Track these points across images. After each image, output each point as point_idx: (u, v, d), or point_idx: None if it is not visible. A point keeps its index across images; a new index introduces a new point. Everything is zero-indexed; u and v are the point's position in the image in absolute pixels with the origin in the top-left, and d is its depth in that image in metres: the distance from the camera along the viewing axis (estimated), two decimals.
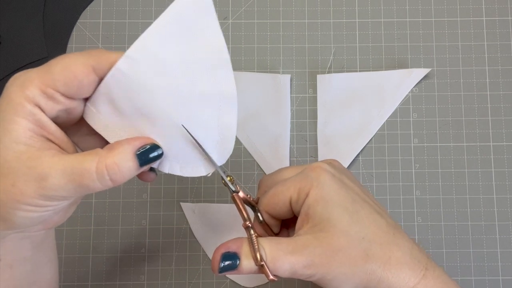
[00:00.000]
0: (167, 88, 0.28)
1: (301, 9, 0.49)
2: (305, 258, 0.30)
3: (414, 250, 0.31)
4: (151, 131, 0.28)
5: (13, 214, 0.27)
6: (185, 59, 0.28)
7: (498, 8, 0.49)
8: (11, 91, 0.26)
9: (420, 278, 0.30)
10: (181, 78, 0.28)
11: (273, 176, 0.36)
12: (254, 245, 0.30)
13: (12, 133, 0.26)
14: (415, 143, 0.47)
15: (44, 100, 0.26)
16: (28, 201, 0.26)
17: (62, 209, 0.30)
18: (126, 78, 0.27)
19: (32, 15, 0.49)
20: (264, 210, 0.34)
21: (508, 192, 0.46)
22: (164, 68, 0.27)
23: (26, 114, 0.26)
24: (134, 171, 0.27)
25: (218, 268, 0.30)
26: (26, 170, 0.26)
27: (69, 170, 0.26)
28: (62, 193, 0.26)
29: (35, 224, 0.29)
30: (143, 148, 0.28)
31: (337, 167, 0.34)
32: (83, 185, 0.26)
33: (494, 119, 0.47)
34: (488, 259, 0.45)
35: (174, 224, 0.46)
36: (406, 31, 0.49)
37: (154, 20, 0.27)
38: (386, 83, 0.48)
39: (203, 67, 0.28)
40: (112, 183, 0.27)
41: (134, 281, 0.45)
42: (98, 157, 0.26)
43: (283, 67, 0.49)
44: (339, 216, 0.30)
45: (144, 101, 0.28)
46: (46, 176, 0.26)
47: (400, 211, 0.46)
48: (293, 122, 0.48)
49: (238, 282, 0.45)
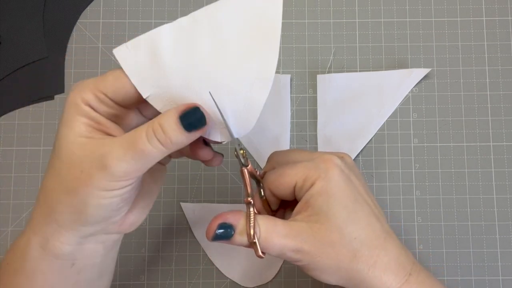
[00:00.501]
0: (214, 55, 0.29)
1: (301, 9, 0.49)
2: (295, 243, 0.31)
3: (401, 256, 0.32)
4: (188, 98, 0.30)
5: (85, 203, 0.28)
6: (241, 32, 0.30)
7: (498, 8, 0.49)
8: (71, 95, 0.29)
9: (403, 283, 0.32)
10: (232, 48, 0.30)
11: (284, 155, 0.36)
12: (251, 222, 0.31)
13: (75, 129, 0.29)
14: (415, 143, 0.47)
15: (97, 103, 0.29)
16: (96, 184, 0.28)
17: (134, 203, 0.32)
18: (185, 34, 0.29)
19: (32, 15, 0.49)
20: (268, 188, 0.35)
21: (508, 192, 0.46)
22: (220, 36, 0.29)
23: (83, 112, 0.29)
24: (179, 133, 0.28)
25: (213, 235, 0.31)
26: (90, 155, 0.28)
27: (125, 142, 0.28)
28: (124, 166, 0.28)
29: (108, 216, 0.30)
30: (187, 112, 0.29)
31: (348, 163, 0.35)
32: (138, 151, 0.28)
33: (494, 119, 0.47)
34: (488, 259, 0.45)
35: (174, 224, 0.46)
36: (406, 31, 0.49)
37: (154, 20, 0.28)
38: (386, 83, 0.48)
39: (255, 45, 0.30)
40: (163, 146, 0.28)
41: (134, 281, 0.45)
42: (147, 124, 0.29)
43: (283, 67, 0.49)
44: (337, 212, 0.31)
45: (192, 63, 0.29)
46: (106, 154, 0.28)
47: (400, 211, 0.46)
48: (293, 122, 0.48)
49: (238, 282, 0.45)
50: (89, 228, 0.30)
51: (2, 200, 0.46)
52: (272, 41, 0.30)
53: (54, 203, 0.29)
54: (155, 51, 0.29)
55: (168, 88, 0.30)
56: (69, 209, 0.29)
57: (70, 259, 0.31)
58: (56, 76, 0.48)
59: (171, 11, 0.49)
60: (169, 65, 0.29)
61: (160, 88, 0.30)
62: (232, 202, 0.46)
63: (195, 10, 0.51)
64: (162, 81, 0.29)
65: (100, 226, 0.30)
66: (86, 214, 0.29)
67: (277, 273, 0.45)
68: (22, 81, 0.48)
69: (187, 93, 0.30)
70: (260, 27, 0.30)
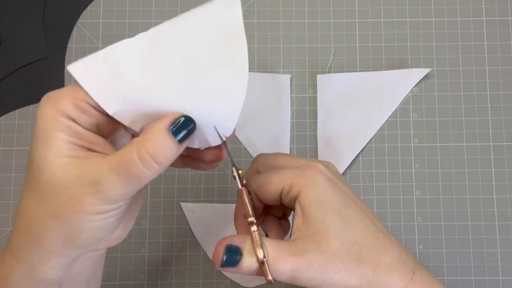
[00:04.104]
0: (182, 67, 0.29)
1: (301, 9, 0.49)
2: (305, 260, 0.30)
3: (402, 255, 0.32)
4: (168, 108, 0.29)
5: (78, 229, 0.27)
6: (206, 40, 0.29)
7: (498, 8, 0.49)
8: (45, 108, 0.27)
9: (408, 282, 0.31)
10: (200, 57, 0.29)
11: (269, 159, 0.36)
12: (257, 241, 0.30)
13: (54, 148, 0.26)
14: (415, 143, 0.47)
15: (78, 113, 0.27)
16: (90, 210, 0.26)
17: (123, 218, 0.30)
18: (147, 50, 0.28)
19: (32, 15, 0.49)
20: (253, 192, 0.34)
21: (508, 192, 0.46)
22: (185, 48, 0.29)
23: (63, 127, 0.27)
24: (175, 148, 0.27)
25: (221, 261, 0.30)
26: (77, 180, 0.26)
27: (115, 166, 0.26)
28: (118, 191, 0.27)
29: (101, 237, 0.29)
30: (176, 123, 0.27)
31: (332, 170, 0.34)
32: (133, 176, 0.26)
33: (494, 119, 0.47)
34: (488, 259, 0.45)
35: (174, 224, 0.46)
36: (406, 31, 0.49)
37: (154, 20, 0.28)
38: (386, 83, 0.48)
39: (222, 50, 0.29)
40: (159, 166, 0.27)
41: (134, 281, 0.45)
42: (136, 144, 0.27)
43: (283, 67, 0.49)
44: (333, 219, 0.31)
45: (161, 77, 0.29)
46: (98, 179, 0.26)
47: (400, 211, 0.46)
48: (293, 122, 0.48)
49: (238, 282, 0.45)
50: (80, 251, 0.29)
51: (2, 200, 0.46)
52: (239, 41, 0.29)
53: (41, 230, 0.27)
54: (117, 67, 0.28)
55: (137, 103, 0.28)
56: (60, 235, 0.27)
57: (58, 282, 0.29)
58: (56, 76, 0.48)
59: (171, 11, 0.49)
60: (134, 80, 0.28)
61: (127, 104, 0.28)
62: (232, 202, 0.46)
63: None
64: (128, 96, 0.28)
65: (92, 247, 0.29)
66: (80, 238, 0.28)
67: None
68: (22, 81, 0.48)
69: (158, 106, 0.28)
70: (224, 31, 0.29)
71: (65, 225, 0.27)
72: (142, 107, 0.28)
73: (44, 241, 0.27)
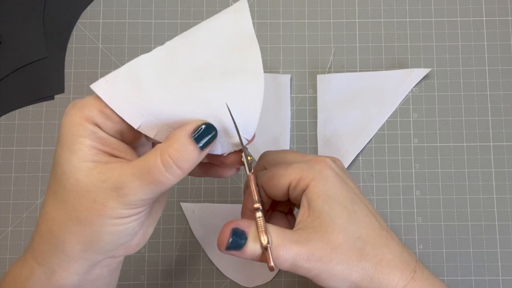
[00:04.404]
0: (200, 75, 0.30)
1: (301, 9, 0.49)
2: (307, 249, 0.30)
3: (404, 253, 0.33)
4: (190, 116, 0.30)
5: (99, 233, 0.28)
6: (220, 48, 0.30)
7: (498, 8, 0.49)
8: (71, 114, 0.28)
9: (409, 280, 0.32)
10: (215, 64, 0.30)
11: (276, 156, 0.36)
12: (262, 227, 0.30)
13: (79, 153, 0.27)
14: (415, 143, 0.47)
15: (102, 119, 0.28)
16: (112, 213, 0.27)
17: (143, 224, 0.31)
18: (165, 62, 0.30)
19: (32, 15, 0.49)
20: (261, 188, 0.34)
21: (508, 192, 0.46)
22: (200, 56, 0.30)
23: (88, 133, 0.27)
24: (197, 154, 0.28)
25: (227, 243, 0.30)
26: (101, 184, 0.27)
27: (138, 172, 0.27)
28: (141, 196, 0.27)
29: (121, 242, 0.29)
30: (198, 130, 0.28)
31: (339, 165, 0.35)
32: (156, 181, 0.27)
33: (494, 119, 0.47)
34: (488, 259, 0.45)
35: (174, 224, 0.46)
36: (406, 31, 0.49)
37: (154, 20, 0.28)
38: (386, 83, 0.48)
39: (236, 56, 0.31)
40: (181, 171, 0.27)
41: (134, 281, 0.45)
42: (160, 150, 0.27)
43: (283, 67, 0.49)
44: (339, 213, 0.31)
45: (180, 88, 0.29)
46: (121, 184, 0.27)
47: (400, 211, 0.46)
48: (293, 122, 0.48)
49: (238, 282, 0.45)
50: (100, 256, 0.29)
51: (2, 200, 0.46)
52: (252, 45, 0.31)
53: (63, 234, 0.28)
54: (137, 81, 0.29)
55: (160, 115, 0.29)
56: (81, 239, 0.28)
57: (76, 287, 0.30)
58: (56, 76, 0.48)
59: (171, 11, 0.49)
60: (155, 93, 0.29)
61: (150, 116, 0.29)
62: (232, 202, 0.46)
63: (195, 10, 0.51)
64: (151, 108, 0.29)
65: (112, 253, 0.30)
66: (101, 242, 0.28)
67: (277, 273, 0.45)
68: (22, 81, 0.48)
69: (180, 115, 0.29)
70: (235, 36, 0.31)
71: (87, 229, 0.27)
72: (165, 119, 0.29)
73: (65, 244, 0.28)
